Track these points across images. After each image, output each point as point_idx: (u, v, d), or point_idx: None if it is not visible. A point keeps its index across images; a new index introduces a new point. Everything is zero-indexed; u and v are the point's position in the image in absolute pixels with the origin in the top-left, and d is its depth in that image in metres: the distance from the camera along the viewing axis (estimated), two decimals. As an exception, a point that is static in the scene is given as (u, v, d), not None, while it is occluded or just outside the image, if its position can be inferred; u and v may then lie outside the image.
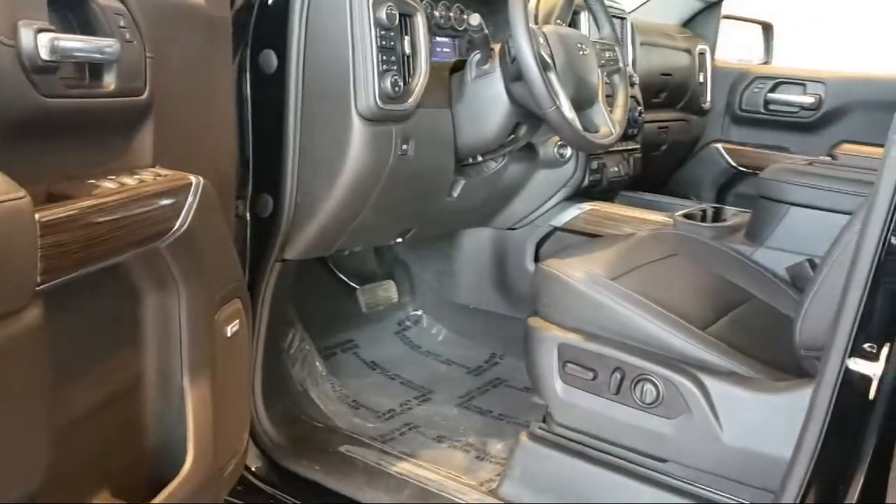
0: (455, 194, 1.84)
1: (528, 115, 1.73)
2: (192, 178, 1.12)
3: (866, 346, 1.05)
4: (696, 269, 1.77)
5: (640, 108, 2.34)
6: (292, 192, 1.57)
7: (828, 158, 2.70)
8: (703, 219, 2.11)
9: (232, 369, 1.33)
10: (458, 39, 1.87)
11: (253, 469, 1.67)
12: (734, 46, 3.28)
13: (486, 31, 1.63)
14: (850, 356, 1.05)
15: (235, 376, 1.37)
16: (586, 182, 2.16)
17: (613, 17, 1.99)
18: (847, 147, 2.70)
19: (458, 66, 1.74)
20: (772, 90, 2.85)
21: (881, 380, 0.99)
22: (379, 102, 1.47)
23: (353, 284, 2.24)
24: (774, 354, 1.47)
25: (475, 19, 1.59)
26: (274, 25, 1.51)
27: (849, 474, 1.05)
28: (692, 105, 2.85)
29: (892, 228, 1.03)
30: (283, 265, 1.67)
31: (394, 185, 1.62)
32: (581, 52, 1.73)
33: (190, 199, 1.11)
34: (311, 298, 2.06)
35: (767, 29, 3.23)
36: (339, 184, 1.55)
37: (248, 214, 1.61)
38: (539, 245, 2.18)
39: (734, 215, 2.12)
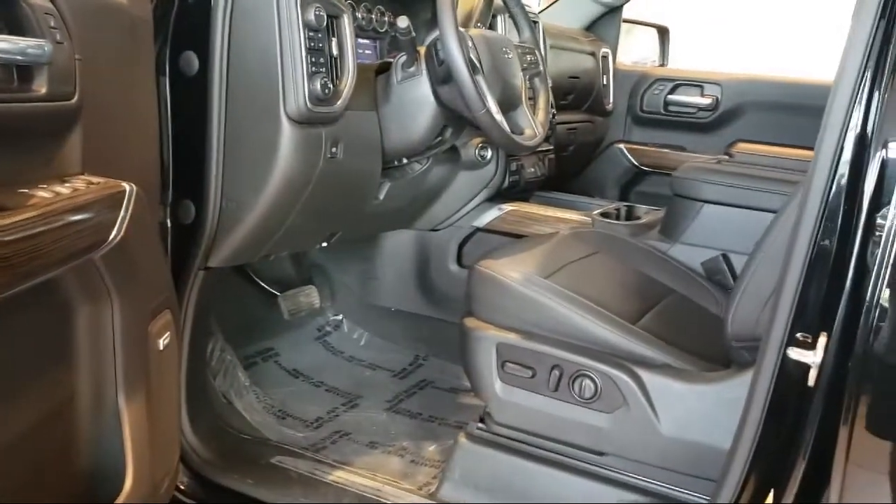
0: (381, 197, 1.83)
1: (454, 118, 1.74)
2: (126, 186, 1.08)
3: (799, 335, 1.11)
4: (618, 265, 1.82)
5: (553, 110, 2.38)
6: (216, 198, 1.52)
7: (726, 157, 2.85)
8: (618, 217, 2.17)
9: (164, 384, 1.29)
10: (379, 41, 1.86)
11: (181, 487, 1.61)
12: (628, 50, 3.40)
13: (413, 34, 1.63)
14: (787, 346, 1.10)
15: (167, 391, 1.32)
16: (506, 183, 2.19)
17: (528, 20, 2.02)
18: (742, 146, 2.84)
19: (383, 69, 1.73)
20: (671, 92, 2.95)
21: (821, 368, 1.04)
22: (309, 104, 1.44)
23: (274, 291, 2.19)
24: (701, 346, 1.53)
25: (403, 21, 1.58)
26: (195, 26, 1.46)
27: (790, 460, 1.11)
28: (596, 106, 2.93)
29: (822, 226, 1.09)
30: (207, 273, 1.61)
31: (323, 189, 1.60)
32: (506, 56, 1.75)
33: (124, 207, 1.06)
34: (229, 306, 2.00)
35: (663, 33, 3.35)
36: (267, 188, 1.51)
37: (168, 221, 1.55)
38: (461, 246, 2.20)
39: (646, 213, 2.20)
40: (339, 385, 2.13)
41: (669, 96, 2.96)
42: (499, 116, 1.63)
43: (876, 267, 0.95)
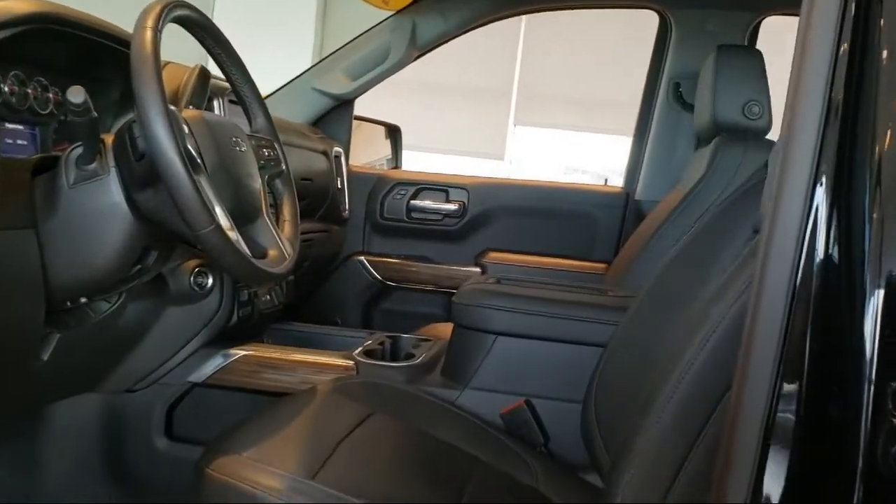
0: (45, 356, 1.19)
1: (160, 236, 1.18)
2: None
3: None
4: (402, 432, 1.34)
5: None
6: None
7: (477, 269, 2.54)
8: (384, 355, 1.70)
9: None
10: (40, 128, 1.26)
11: None
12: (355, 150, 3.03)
13: (94, 113, 1.07)
14: None
15: None
16: (234, 319, 1.62)
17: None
18: (493, 255, 2.57)
19: (45, 166, 1.13)
20: (414, 197, 2.60)
21: None
22: None
23: None
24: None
25: (78, 95, 1.02)
26: None
27: None
28: (332, 214, 2.47)
29: (774, 407, 0.71)
30: None
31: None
32: (238, 149, 1.23)
33: None
34: None
35: (395, 132, 3.04)
36: None
37: None
38: (171, 410, 1.58)
39: (417, 346, 1.75)
40: None
41: (412, 202, 2.60)
42: (233, 234, 1.10)
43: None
